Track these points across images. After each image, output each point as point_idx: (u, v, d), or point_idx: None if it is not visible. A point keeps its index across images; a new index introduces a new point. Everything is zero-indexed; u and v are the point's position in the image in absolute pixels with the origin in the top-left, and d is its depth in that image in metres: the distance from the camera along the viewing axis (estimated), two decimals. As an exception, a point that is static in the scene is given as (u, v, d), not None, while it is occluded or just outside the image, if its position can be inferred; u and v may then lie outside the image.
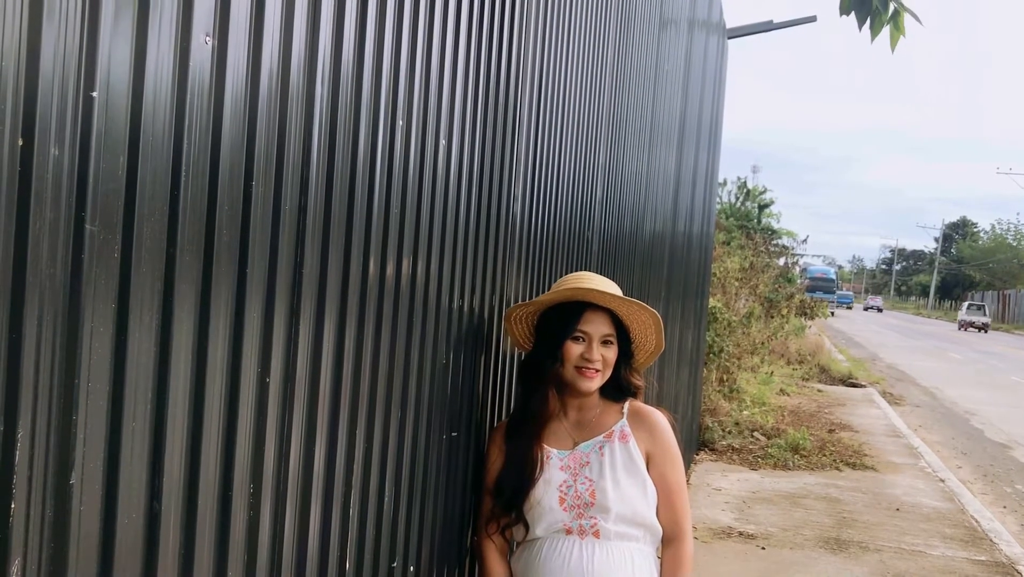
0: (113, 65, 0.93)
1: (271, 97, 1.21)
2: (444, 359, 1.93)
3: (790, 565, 5.58)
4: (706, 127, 7.28)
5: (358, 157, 1.45)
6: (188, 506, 1.13)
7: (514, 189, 2.28)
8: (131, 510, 1.01)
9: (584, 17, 2.93)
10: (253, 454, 1.25)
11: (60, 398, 0.89)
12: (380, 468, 1.67)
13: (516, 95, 2.24)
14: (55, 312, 0.87)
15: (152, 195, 0.99)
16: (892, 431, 11.34)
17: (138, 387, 1.00)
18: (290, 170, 1.26)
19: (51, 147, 0.86)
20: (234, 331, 1.17)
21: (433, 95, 1.74)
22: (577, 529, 2.03)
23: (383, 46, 1.51)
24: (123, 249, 0.96)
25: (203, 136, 1.08)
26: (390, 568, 1.73)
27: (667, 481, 2.12)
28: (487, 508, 2.12)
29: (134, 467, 1.00)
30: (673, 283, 5.84)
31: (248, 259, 1.17)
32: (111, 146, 0.93)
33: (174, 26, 1.02)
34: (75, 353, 0.90)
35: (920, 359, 25.04)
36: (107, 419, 0.96)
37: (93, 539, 0.95)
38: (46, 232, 0.86)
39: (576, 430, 2.14)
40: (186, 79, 1.04)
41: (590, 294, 2.06)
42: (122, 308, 0.97)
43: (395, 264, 1.65)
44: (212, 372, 1.12)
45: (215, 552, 1.19)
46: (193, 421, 1.12)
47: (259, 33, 1.17)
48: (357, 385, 1.54)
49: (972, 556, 6.02)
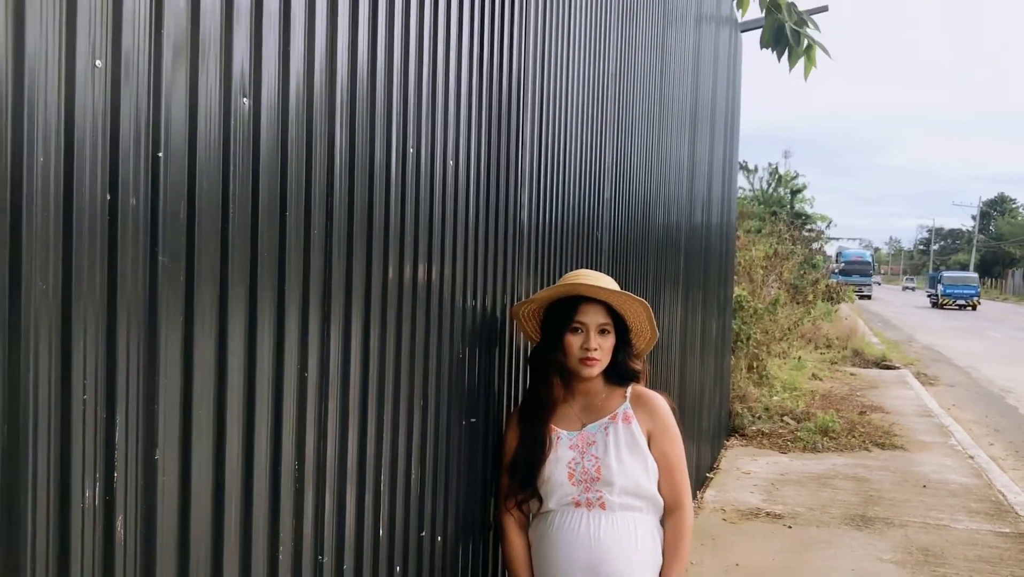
0: (172, 126, 1.18)
1: (298, 140, 1.46)
2: (460, 354, 2.17)
3: (815, 542, 5.76)
4: (721, 117, 7.44)
5: (375, 185, 1.70)
6: (245, 481, 1.38)
7: (520, 198, 2.51)
8: (200, 481, 1.26)
9: (585, 17, 3.16)
10: (296, 438, 1.51)
11: (145, 391, 1.15)
12: (407, 451, 1.92)
13: (518, 118, 2.47)
14: (139, 325, 1.13)
15: (207, 230, 1.24)
16: (924, 411, 11.40)
17: (202, 382, 1.25)
18: (316, 199, 1.51)
19: (130, 198, 1.11)
20: (277, 335, 1.42)
21: (440, 122, 1.98)
22: (585, 502, 2.26)
23: (392, 88, 1.76)
24: (187, 274, 1.22)
25: (244, 178, 1.33)
26: (419, 537, 1.98)
27: (667, 457, 2.34)
28: (505, 485, 2.36)
29: (202, 445, 1.26)
30: (691, 274, 6.03)
31: (285, 276, 1.43)
32: (174, 195, 1.18)
33: (220, 89, 1.27)
34: (155, 356, 1.16)
35: (958, 339, 24.83)
36: (180, 407, 1.22)
37: (174, 501, 1.21)
38: (129, 264, 1.11)
39: (584, 413, 2.37)
40: (229, 133, 1.29)
41: (581, 288, 2.30)
42: (188, 320, 1.22)
43: (412, 271, 1.89)
44: (261, 369, 1.38)
45: (268, 518, 1.44)
46: (247, 411, 1.37)
47: (286, 89, 1.42)
48: (382, 379, 1.79)
49: (996, 528, 6.15)
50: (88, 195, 1.04)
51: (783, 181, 38.75)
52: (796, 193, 37.12)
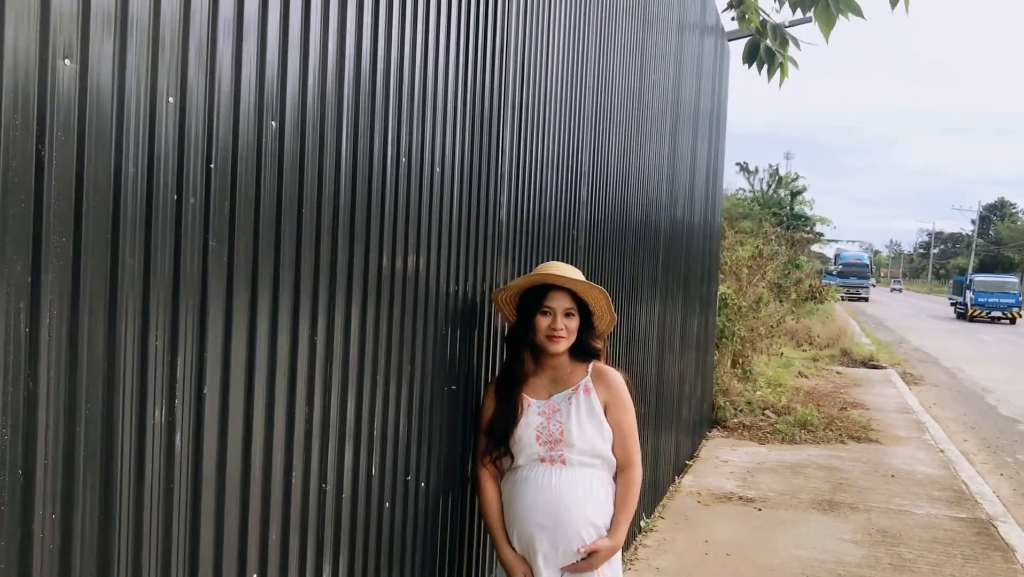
0: (220, 144, 1.57)
1: (313, 152, 1.84)
2: (443, 331, 2.56)
3: (783, 523, 6.16)
4: (705, 120, 7.82)
5: (373, 188, 2.09)
6: (267, 421, 1.77)
7: (499, 198, 2.90)
8: (235, 418, 1.65)
9: (563, 25, 3.54)
10: (307, 390, 1.89)
11: (197, 342, 1.54)
12: (396, 408, 2.31)
13: (498, 126, 2.86)
14: (195, 292, 1.52)
15: (243, 222, 1.63)
16: (903, 408, 11.80)
17: (238, 339, 1.64)
18: (326, 200, 1.90)
19: (190, 198, 1.50)
20: (293, 306, 1.81)
21: (428, 134, 2.37)
22: (549, 458, 2.66)
23: (388, 106, 2.15)
24: (228, 255, 1.60)
25: (271, 182, 1.71)
26: (406, 481, 2.38)
27: (620, 424, 2.74)
28: (483, 444, 2.76)
29: (237, 389, 1.65)
30: (671, 271, 6.41)
31: (301, 260, 1.82)
32: (220, 195, 1.57)
33: (255, 113, 1.66)
34: (204, 316, 1.55)
35: (948, 341, 25.25)
36: (221, 357, 1.60)
37: (214, 429, 1.60)
38: (189, 246, 1.50)
39: (551, 385, 2.76)
40: (261, 148, 1.68)
41: (550, 278, 2.69)
42: (228, 292, 1.61)
43: (403, 260, 2.28)
44: (281, 330, 1.77)
45: (284, 452, 1.83)
46: (269, 365, 1.75)
47: (304, 111, 1.81)
48: (376, 347, 2.18)
49: (954, 514, 6.55)
50: (162, 196, 1.43)
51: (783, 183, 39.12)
52: (796, 195, 37.50)
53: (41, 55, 1.21)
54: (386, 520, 2.29)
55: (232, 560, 1.68)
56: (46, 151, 1.22)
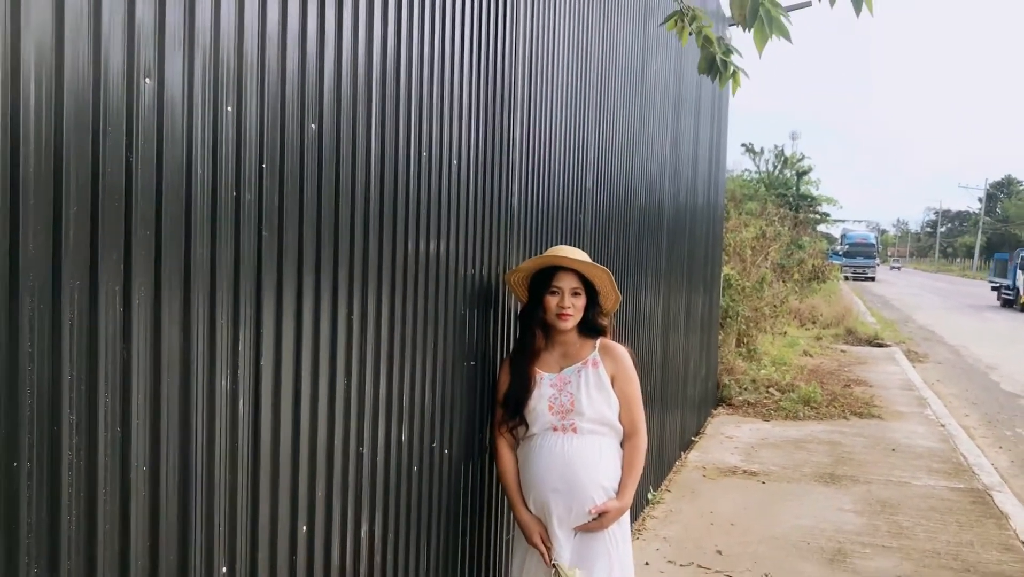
0: (268, 147, 1.78)
1: (347, 151, 2.06)
2: (462, 311, 2.78)
3: (785, 495, 6.39)
4: (707, 104, 8.00)
5: (398, 181, 2.30)
6: (312, 391, 1.99)
7: (511, 187, 3.11)
8: (286, 387, 1.87)
9: (568, 20, 3.74)
10: (345, 364, 2.11)
11: (255, 318, 1.76)
12: (422, 381, 2.53)
13: (509, 121, 3.07)
14: (252, 275, 1.74)
15: (290, 214, 1.85)
16: (906, 385, 12.00)
17: (288, 317, 1.87)
18: (359, 193, 2.12)
19: (246, 193, 1.72)
20: (332, 288, 2.03)
21: (446, 131, 2.58)
22: (561, 427, 2.88)
23: (410, 107, 2.36)
24: (278, 244, 1.82)
25: (312, 179, 1.93)
26: (431, 447, 2.61)
27: (626, 395, 2.96)
28: (499, 415, 2.98)
29: (287, 362, 1.87)
30: (675, 253, 6.62)
31: (338, 248, 2.04)
32: (270, 191, 1.79)
33: (297, 119, 1.87)
34: (260, 297, 1.77)
35: (954, 320, 25.35)
36: (274, 333, 1.83)
37: (269, 398, 1.82)
38: (245, 235, 1.72)
39: (562, 359, 2.99)
40: (304, 149, 1.90)
41: (557, 260, 2.91)
42: (279, 275, 1.83)
43: (425, 246, 2.50)
44: (323, 310, 1.99)
45: (327, 417, 2.05)
46: (313, 339, 1.98)
47: (337, 115, 2.02)
48: (403, 328, 2.40)
49: (951, 485, 6.77)
50: (224, 193, 1.65)
51: (789, 163, 39.15)
52: (802, 175, 37.53)
53: (128, 74, 1.42)
54: (415, 483, 2.52)
55: (286, 512, 1.90)
56: (133, 158, 1.43)
